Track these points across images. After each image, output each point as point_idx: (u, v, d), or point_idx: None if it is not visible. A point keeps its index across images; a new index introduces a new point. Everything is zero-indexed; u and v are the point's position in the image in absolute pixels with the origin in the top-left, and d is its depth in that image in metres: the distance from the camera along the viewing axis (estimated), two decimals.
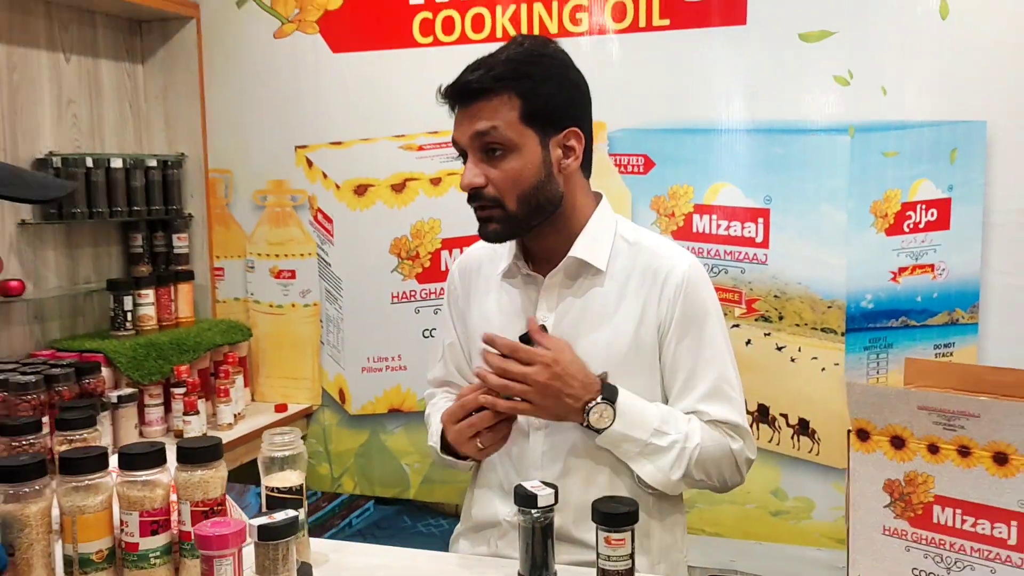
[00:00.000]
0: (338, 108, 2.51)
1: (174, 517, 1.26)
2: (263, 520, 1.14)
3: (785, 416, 2.18)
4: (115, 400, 2.10)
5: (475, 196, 1.30)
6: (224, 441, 2.21)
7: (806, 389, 2.15)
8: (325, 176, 2.56)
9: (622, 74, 2.24)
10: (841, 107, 2.08)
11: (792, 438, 2.18)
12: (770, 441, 2.20)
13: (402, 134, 2.45)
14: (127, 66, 2.63)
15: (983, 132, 2.00)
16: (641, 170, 2.26)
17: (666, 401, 1.37)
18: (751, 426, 2.18)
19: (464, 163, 1.32)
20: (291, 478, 1.33)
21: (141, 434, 2.28)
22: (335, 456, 2.61)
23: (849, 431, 1.24)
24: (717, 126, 2.19)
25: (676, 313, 1.32)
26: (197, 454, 1.25)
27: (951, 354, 2.05)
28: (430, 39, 2.39)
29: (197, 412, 2.22)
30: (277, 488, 1.32)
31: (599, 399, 1.28)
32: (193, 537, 1.15)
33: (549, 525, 1.21)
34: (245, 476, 2.54)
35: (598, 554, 1.15)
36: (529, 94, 1.27)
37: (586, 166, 1.37)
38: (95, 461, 1.20)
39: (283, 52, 2.55)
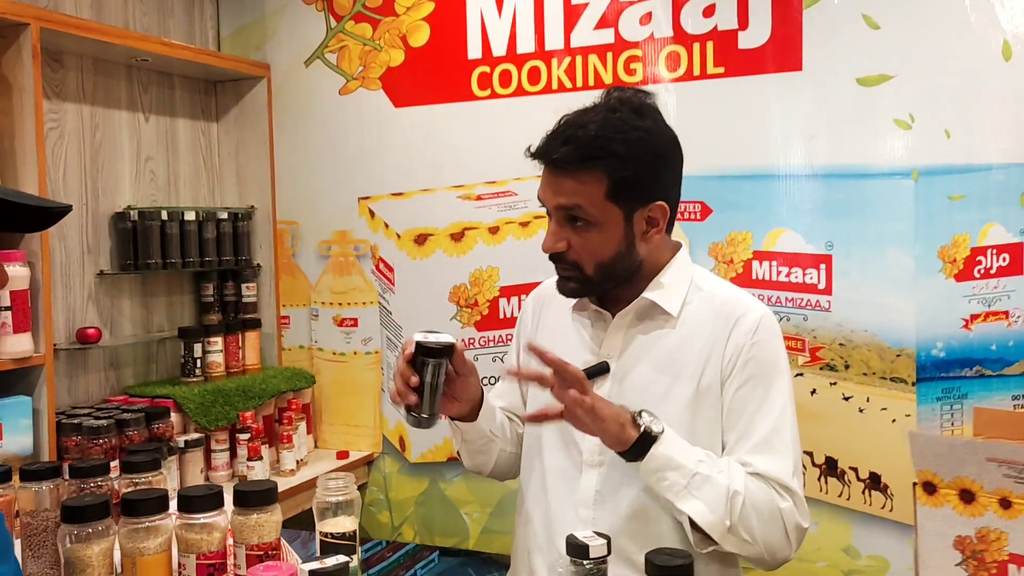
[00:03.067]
0: (399, 160, 2.57)
1: (230, 561, 1.27)
2: (314, 566, 1.14)
3: (855, 470, 2.10)
4: (182, 445, 2.15)
5: (556, 258, 1.31)
6: (286, 487, 2.28)
7: (876, 441, 2.07)
8: (387, 226, 2.62)
9: (678, 123, 2.15)
10: (903, 151, 2.04)
11: (863, 493, 2.09)
12: (840, 496, 2.12)
13: (460, 184, 2.49)
14: (202, 124, 2.75)
15: None
16: (698, 217, 2.25)
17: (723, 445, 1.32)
18: (819, 479, 2.12)
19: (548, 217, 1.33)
20: (345, 524, 1.33)
21: (207, 478, 2.32)
22: (395, 504, 2.62)
23: (915, 484, 1.19)
24: (775, 172, 2.16)
25: (742, 357, 1.28)
26: (252, 497, 1.26)
27: None
28: (487, 92, 2.43)
29: (261, 458, 2.26)
30: (331, 534, 1.33)
31: (640, 413, 1.23)
32: None
33: None
34: (309, 523, 2.56)
35: None
36: (616, 173, 1.25)
37: (671, 227, 1.36)
38: (155, 503, 1.22)
39: (348, 107, 2.64)
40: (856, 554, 2.11)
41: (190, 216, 2.51)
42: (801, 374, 2.15)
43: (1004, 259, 1.98)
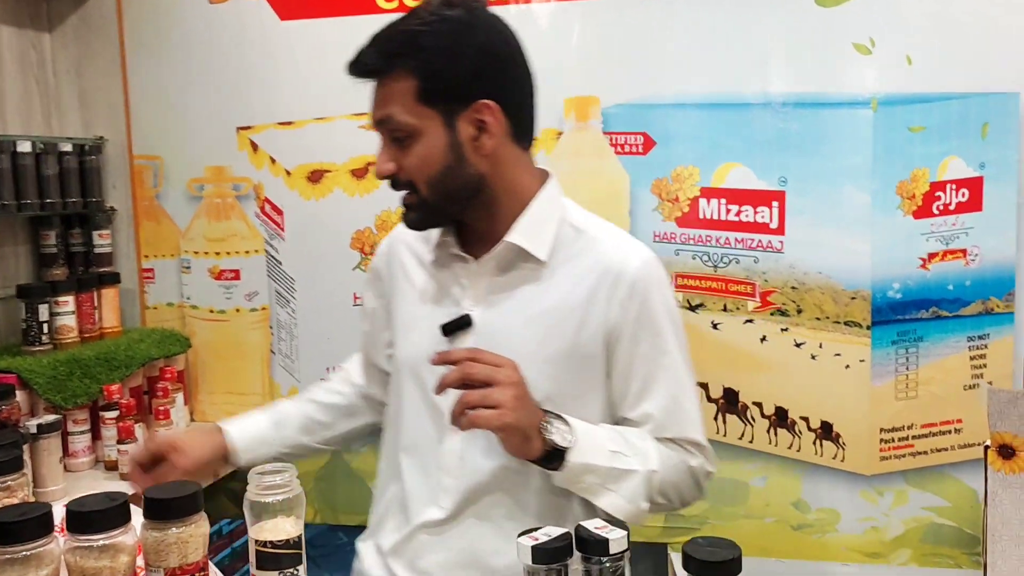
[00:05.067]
0: (287, 83, 2.20)
1: None
2: None
3: (806, 419, 1.99)
4: (34, 430, 1.74)
5: (393, 183, 1.18)
6: None
7: (829, 389, 1.96)
8: (273, 161, 2.25)
9: (617, 42, 2.00)
10: (862, 78, 1.90)
11: (814, 443, 1.98)
12: (790, 447, 2.00)
13: (363, 112, 2.13)
14: (31, 35, 2.24)
15: (1017, 105, 1.85)
16: (640, 150, 2.03)
17: (612, 420, 1.21)
18: (768, 430, 2.00)
19: None
20: (286, 528, 1.06)
21: (66, 468, 1.91)
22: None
23: (987, 447, 1.03)
24: (725, 100, 1.98)
25: (631, 315, 1.17)
26: (172, 507, 0.98)
27: (986, 347, 1.90)
28: (395, 3, 2.10)
29: (134, 439, 1.88)
30: (270, 542, 1.04)
31: (548, 416, 1.11)
32: None
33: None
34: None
35: None
36: (424, 70, 1.12)
37: (522, 139, 1.20)
38: (34, 525, 0.91)
39: (222, 19, 2.22)
40: (806, 508, 2.01)
41: (24, 148, 2.03)
42: (751, 320, 2.00)
43: (963, 195, 1.89)
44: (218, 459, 1.31)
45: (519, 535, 1.03)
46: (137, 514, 1.00)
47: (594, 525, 1.04)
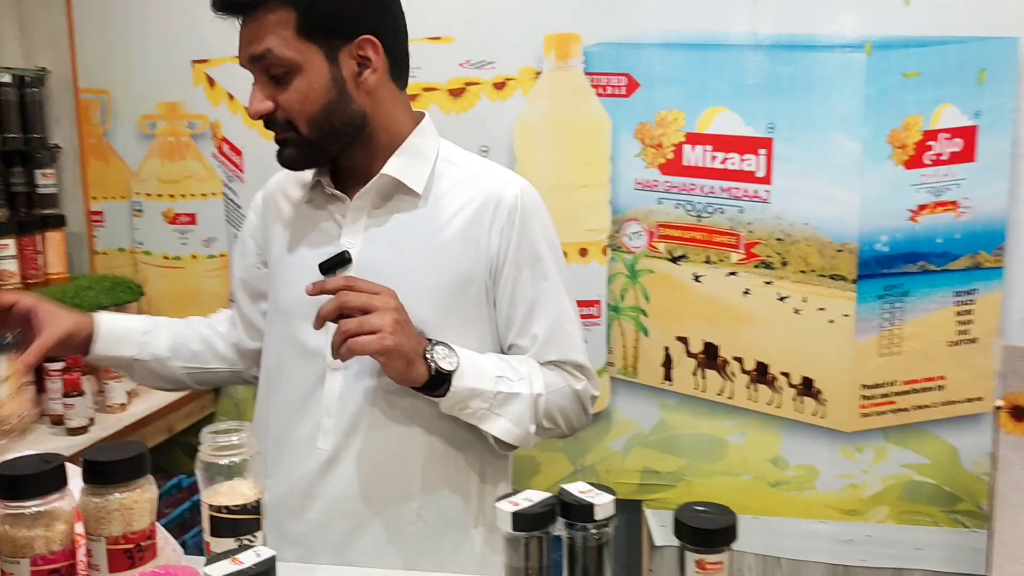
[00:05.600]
0: None
1: (82, 559, 0.90)
2: (228, 568, 0.79)
3: (787, 375, 1.93)
4: None
5: (269, 122, 1.13)
6: (119, 427, 1.81)
7: (811, 344, 1.90)
8: (231, 97, 2.11)
9: None
10: (856, 20, 1.81)
11: (794, 400, 1.93)
12: (769, 403, 1.95)
13: None
14: None
15: (1015, 51, 1.77)
16: (623, 92, 1.93)
17: (499, 348, 1.21)
18: (748, 386, 1.94)
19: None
20: (243, 491, 0.97)
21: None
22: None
23: (998, 408, 0.96)
24: (713, 41, 1.88)
25: (512, 244, 1.17)
26: (114, 470, 0.89)
27: (973, 302, 1.85)
28: None
29: (81, 392, 1.76)
30: (225, 507, 0.95)
31: (432, 342, 1.10)
32: None
33: (604, 545, 0.93)
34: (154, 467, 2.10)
35: None
36: (303, 2, 1.09)
37: (399, 77, 1.19)
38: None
39: None
40: (784, 464, 1.96)
41: None
42: (734, 273, 1.92)
43: (957, 144, 1.82)
44: (79, 340, 1.24)
45: (497, 500, 0.95)
46: (76, 476, 0.91)
47: (578, 489, 0.97)
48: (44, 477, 0.87)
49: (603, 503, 0.94)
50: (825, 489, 1.94)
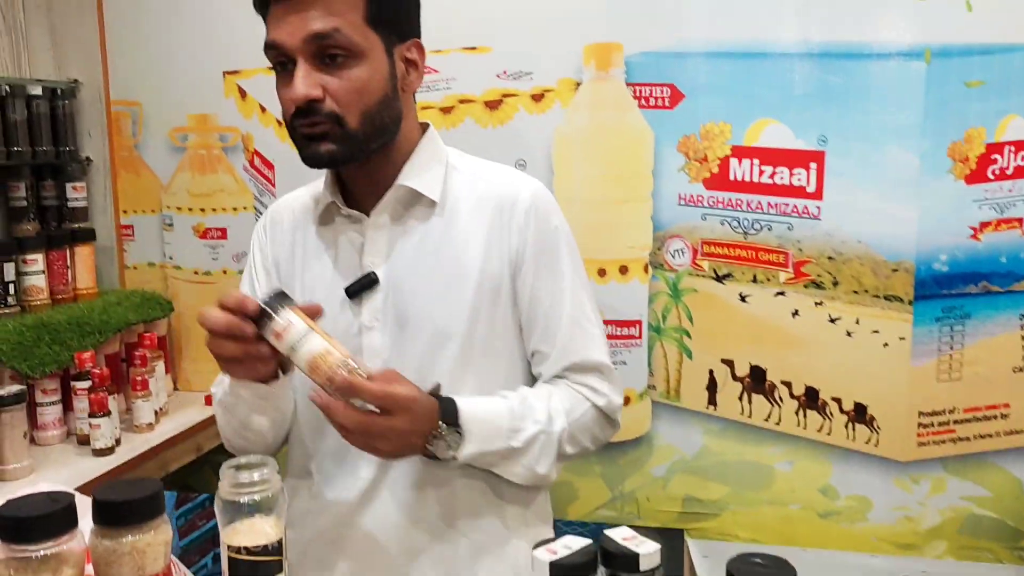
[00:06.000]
0: None
1: None
2: None
3: (838, 401, 1.83)
4: None
5: (308, 111, 1.04)
6: (146, 447, 1.76)
7: (864, 368, 1.80)
8: (263, 110, 2.06)
9: None
10: (914, 26, 1.71)
11: (846, 427, 1.83)
12: (819, 430, 1.85)
13: None
14: None
15: None
16: (667, 104, 1.85)
17: (524, 351, 1.18)
18: (797, 412, 1.85)
19: (280, 72, 1.06)
20: (264, 530, 0.91)
21: (33, 441, 1.76)
22: (282, 457, 2.13)
23: None
24: (760, 49, 1.79)
25: (529, 243, 1.14)
26: (126, 510, 0.83)
27: None
28: None
29: (107, 412, 1.72)
30: (245, 548, 0.89)
31: (440, 426, 1.05)
32: None
33: None
34: (178, 482, 2.06)
35: None
36: None
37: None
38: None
39: None
40: (835, 494, 1.86)
41: None
42: (782, 293, 1.83)
43: (1022, 158, 1.71)
44: None
45: (535, 547, 0.88)
46: (88, 514, 0.85)
47: (621, 536, 0.90)
48: (52, 518, 0.82)
49: (648, 552, 0.87)
50: (878, 521, 1.84)
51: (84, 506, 0.85)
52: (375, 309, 1.13)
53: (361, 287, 1.13)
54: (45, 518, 0.81)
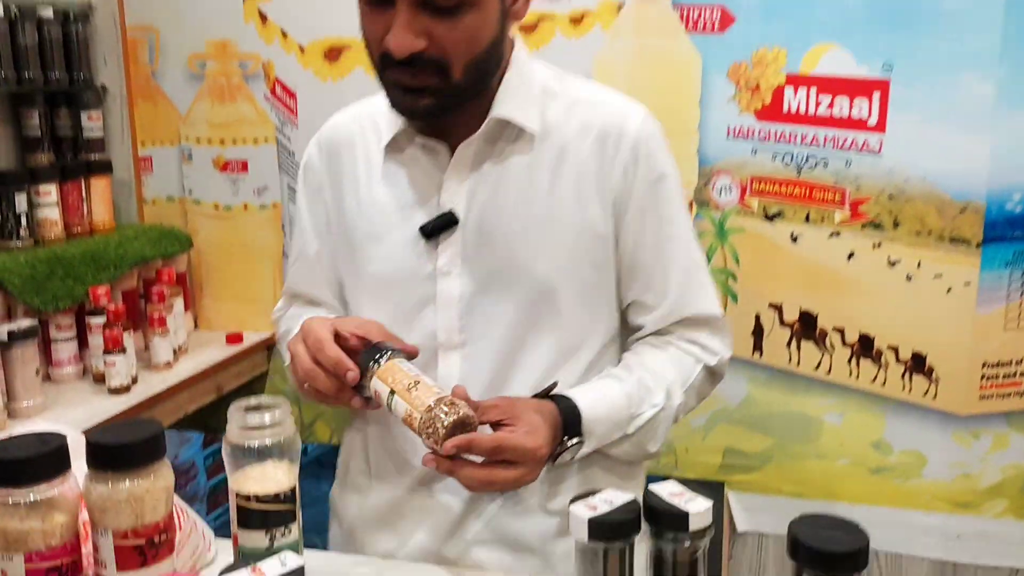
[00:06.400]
0: None
1: (87, 552, 0.77)
2: None
3: (895, 350, 1.71)
4: (5, 336, 1.51)
5: (409, 62, 0.91)
6: (163, 386, 1.70)
7: (924, 316, 1.68)
8: (285, 35, 1.95)
9: None
10: None
11: (903, 377, 1.72)
12: (873, 381, 1.73)
13: None
14: None
15: None
16: (716, 28, 1.71)
17: (620, 300, 1.06)
18: (849, 361, 1.74)
19: (372, 4, 0.91)
20: (276, 477, 0.83)
21: (49, 379, 1.70)
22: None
23: None
24: None
25: (636, 182, 1.01)
26: (123, 454, 0.76)
27: None
28: None
29: (123, 349, 1.65)
30: (255, 496, 0.82)
31: (564, 442, 0.97)
32: None
33: (698, 560, 0.78)
34: (201, 423, 2.00)
35: None
36: None
37: None
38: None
39: None
40: (887, 449, 1.76)
41: None
42: (837, 233, 1.71)
43: None
44: None
45: (571, 501, 0.79)
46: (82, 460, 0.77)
47: (668, 491, 0.81)
48: (41, 461, 0.75)
49: (699, 511, 0.78)
50: (933, 478, 1.73)
51: (80, 449, 0.78)
52: (454, 253, 1.00)
53: (438, 227, 1.00)
54: (34, 460, 0.75)
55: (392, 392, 0.88)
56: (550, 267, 0.99)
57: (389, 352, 0.91)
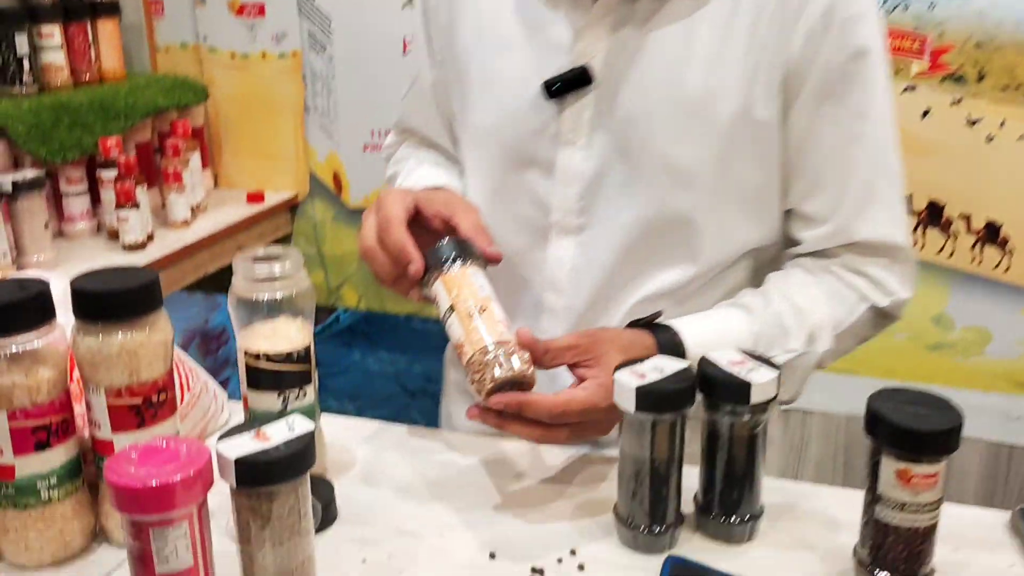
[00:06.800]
0: None
1: (80, 412, 0.71)
2: (248, 446, 0.59)
3: (967, 218, 1.57)
4: (9, 187, 1.42)
5: None
6: (179, 244, 1.62)
7: (1003, 181, 1.53)
8: None
9: None
10: None
11: (972, 248, 1.58)
12: (940, 252, 1.60)
13: None
14: None
15: None
16: None
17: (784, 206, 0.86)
18: (915, 229, 1.60)
19: None
20: (289, 335, 0.74)
21: (62, 235, 1.63)
22: (331, 261, 1.98)
23: None
24: None
25: (822, 57, 0.79)
26: (113, 302, 0.67)
27: None
28: None
29: (136, 204, 1.56)
30: (265, 355, 0.73)
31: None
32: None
33: (758, 436, 0.70)
34: (222, 284, 1.93)
35: (877, 495, 0.65)
36: None
37: None
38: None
39: None
40: (949, 325, 1.64)
41: None
42: (912, 87, 1.54)
43: None
44: None
45: (616, 367, 0.68)
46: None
47: (727, 359, 0.71)
48: (21, 308, 0.66)
49: (763, 381, 0.68)
50: (997, 356, 1.62)
51: (69, 298, 0.69)
52: (581, 120, 0.84)
53: (566, 84, 0.84)
54: (12, 306, 0.65)
55: (452, 308, 0.75)
56: (690, 151, 0.82)
57: (464, 256, 0.77)
